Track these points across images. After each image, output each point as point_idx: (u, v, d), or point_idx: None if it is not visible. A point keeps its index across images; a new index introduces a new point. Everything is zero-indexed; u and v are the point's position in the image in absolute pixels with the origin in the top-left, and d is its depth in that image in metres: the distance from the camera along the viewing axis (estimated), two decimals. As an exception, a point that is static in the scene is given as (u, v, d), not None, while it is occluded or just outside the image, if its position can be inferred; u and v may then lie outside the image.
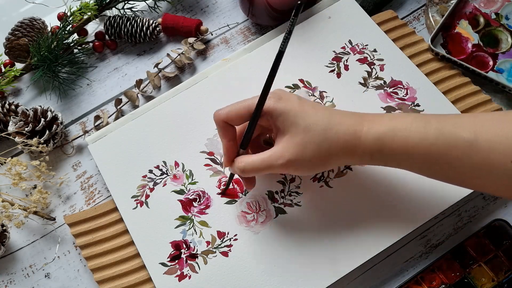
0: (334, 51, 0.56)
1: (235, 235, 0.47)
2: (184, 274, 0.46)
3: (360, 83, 0.54)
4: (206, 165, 0.51)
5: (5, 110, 0.55)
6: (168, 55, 0.59)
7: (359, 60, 0.55)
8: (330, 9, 0.58)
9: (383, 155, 0.40)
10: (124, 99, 0.57)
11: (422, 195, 0.47)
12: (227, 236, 0.47)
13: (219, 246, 0.47)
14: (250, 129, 0.42)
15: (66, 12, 0.60)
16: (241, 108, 0.42)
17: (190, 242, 0.47)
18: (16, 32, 0.58)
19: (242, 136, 0.43)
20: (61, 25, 0.58)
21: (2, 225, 0.50)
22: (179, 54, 0.58)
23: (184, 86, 0.55)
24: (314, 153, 0.40)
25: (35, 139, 0.51)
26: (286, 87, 0.54)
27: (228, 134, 0.43)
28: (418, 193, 0.47)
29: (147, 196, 0.50)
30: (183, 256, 0.47)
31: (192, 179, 0.50)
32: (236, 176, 0.48)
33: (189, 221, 0.48)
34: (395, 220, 0.46)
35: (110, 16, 0.60)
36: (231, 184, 0.49)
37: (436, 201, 0.47)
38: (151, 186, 0.50)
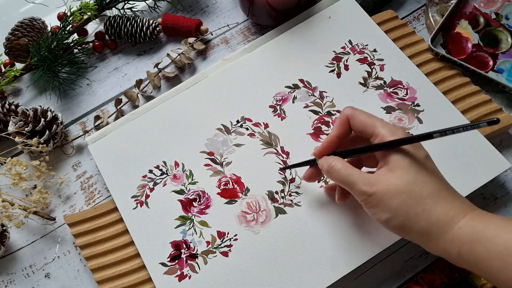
0: (334, 51, 0.56)
1: (235, 235, 0.47)
2: (184, 274, 0.46)
3: (360, 83, 0.54)
4: (206, 165, 0.51)
5: (5, 110, 0.55)
6: (168, 55, 0.59)
7: (359, 60, 0.55)
8: (330, 9, 0.58)
9: (473, 253, 0.34)
10: (124, 99, 0.57)
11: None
12: (227, 236, 0.47)
13: (219, 246, 0.47)
14: (362, 151, 0.41)
15: (66, 12, 0.60)
16: (369, 123, 0.40)
17: (190, 242, 0.47)
18: (16, 32, 0.58)
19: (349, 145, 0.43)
20: (61, 25, 0.58)
21: (2, 225, 0.50)
22: (179, 54, 0.58)
23: (184, 86, 0.55)
24: (402, 208, 0.36)
25: (35, 139, 0.51)
26: (286, 87, 0.54)
27: (341, 130, 0.41)
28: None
29: (147, 196, 0.50)
30: (183, 256, 0.47)
31: (192, 179, 0.50)
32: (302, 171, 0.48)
33: (189, 221, 0.48)
34: (395, 220, 0.46)
35: (110, 16, 0.60)
36: (231, 183, 0.49)
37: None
38: (151, 186, 0.50)
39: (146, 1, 0.62)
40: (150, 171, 0.51)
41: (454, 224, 0.35)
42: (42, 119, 0.53)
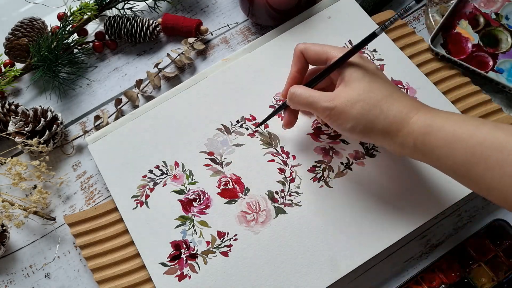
0: (334, 51, 0.56)
1: (235, 235, 0.47)
2: (184, 274, 0.46)
3: (360, 83, 0.54)
4: (206, 165, 0.51)
5: (5, 110, 0.55)
6: (168, 55, 0.59)
7: (359, 60, 0.55)
8: (330, 9, 0.58)
9: (425, 144, 0.38)
10: (124, 99, 0.57)
11: (422, 195, 0.47)
12: (227, 236, 0.47)
13: (219, 246, 0.47)
14: (321, 75, 0.44)
15: (66, 12, 0.60)
16: (321, 50, 0.43)
17: (190, 242, 0.47)
18: (16, 32, 0.58)
19: (309, 78, 0.46)
20: (61, 25, 0.58)
21: (2, 225, 0.50)
22: (179, 54, 0.58)
23: (184, 86, 0.55)
24: (362, 114, 0.40)
25: (35, 139, 0.51)
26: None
27: (298, 65, 0.45)
28: (418, 193, 0.47)
29: (147, 196, 0.50)
30: (183, 256, 0.47)
31: (192, 179, 0.50)
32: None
33: (189, 221, 0.48)
34: (395, 220, 0.46)
35: (110, 16, 0.60)
36: (231, 183, 0.49)
37: (436, 201, 0.47)
38: (151, 186, 0.50)
39: (146, 1, 0.62)
40: (150, 171, 0.51)
41: (409, 119, 0.39)
42: (42, 119, 0.53)
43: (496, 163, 0.34)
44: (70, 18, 0.58)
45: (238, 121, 0.52)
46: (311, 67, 0.47)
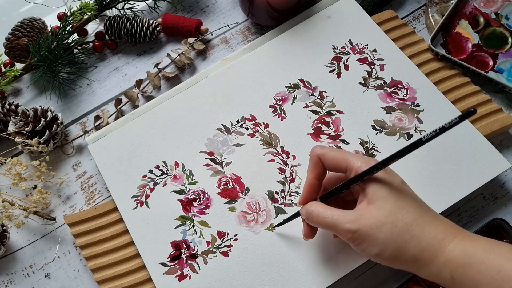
0: (334, 51, 0.56)
1: (235, 235, 0.47)
2: (184, 274, 0.46)
3: (360, 83, 0.54)
4: (206, 165, 0.51)
5: (5, 110, 0.55)
6: (168, 55, 0.59)
7: (359, 60, 0.55)
8: (330, 9, 0.58)
9: (466, 277, 0.34)
10: (124, 99, 0.57)
11: (422, 196, 0.47)
12: (227, 236, 0.47)
13: (219, 246, 0.47)
14: (341, 189, 0.39)
15: (66, 12, 0.60)
16: (341, 158, 0.39)
17: (190, 242, 0.47)
18: (16, 32, 0.58)
19: (326, 187, 0.42)
20: (61, 25, 0.58)
21: (2, 225, 0.50)
22: (179, 54, 0.58)
23: (184, 86, 0.55)
24: (390, 239, 0.36)
25: (35, 139, 0.51)
26: (286, 87, 0.54)
27: (316, 171, 0.41)
28: (418, 193, 0.47)
29: (147, 196, 0.50)
30: (183, 256, 0.47)
31: (192, 179, 0.50)
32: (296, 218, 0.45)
33: (189, 221, 0.48)
34: (395, 220, 0.46)
35: (110, 16, 0.60)
36: (231, 183, 0.49)
37: (436, 201, 0.47)
38: (151, 186, 0.50)
39: (146, 1, 0.62)
40: (150, 171, 0.51)
41: (445, 248, 0.35)
42: (42, 119, 0.53)
43: None
44: (70, 18, 0.58)
45: (238, 121, 0.52)
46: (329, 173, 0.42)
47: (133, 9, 0.61)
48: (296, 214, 0.44)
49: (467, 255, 0.34)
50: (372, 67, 0.55)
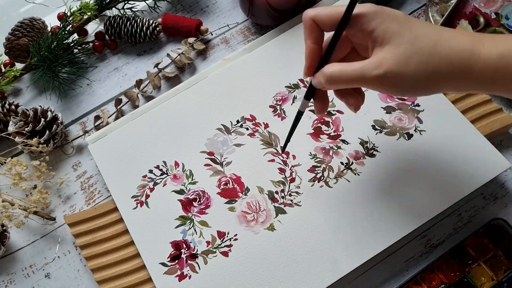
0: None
1: (235, 235, 0.47)
2: (184, 274, 0.46)
3: (360, 83, 0.54)
4: (206, 165, 0.51)
5: (5, 110, 0.55)
6: (168, 55, 0.59)
7: (359, 60, 0.55)
8: (330, 9, 0.58)
9: (507, 78, 0.33)
10: (124, 99, 0.57)
11: (422, 195, 0.47)
12: (227, 236, 0.47)
13: (219, 246, 0.47)
14: (338, 33, 0.37)
15: (66, 12, 0.60)
16: (334, 11, 0.36)
17: (190, 242, 0.47)
18: (16, 32, 0.58)
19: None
20: (61, 25, 0.58)
21: (2, 225, 0.50)
22: (179, 54, 0.58)
23: (184, 86, 0.55)
24: (420, 67, 0.34)
25: (35, 139, 0.51)
26: (286, 87, 0.54)
27: (313, 36, 0.38)
28: (418, 193, 0.47)
29: (147, 196, 0.50)
30: (183, 256, 0.47)
31: (192, 179, 0.50)
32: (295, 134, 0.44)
33: (189, 221, 0.48)
34: (395, 220, 0.46)
35: (110, 16, 0.60)
36: (231, 183, 0.49)
37: (436, 201, 0.47)
38: (151, 186, 0.50)
39: (146, 1, 0.62)
40: (150, 171, 0.51)
41: (478, 55, 0.34)
42: (42, 119, 0.53)
43: None
44: (70, 18, 0.58)
45: (238, 121, 0.52)
46: (327, 35, 0.39)
47: (133, 9, 0.61)
48: (310, 90, 0.41)
49: (503, 55, 0.33)
50: (372, 67, 0.55)
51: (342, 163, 0.50)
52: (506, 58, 0.33)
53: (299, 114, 0.43)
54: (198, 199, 0.49)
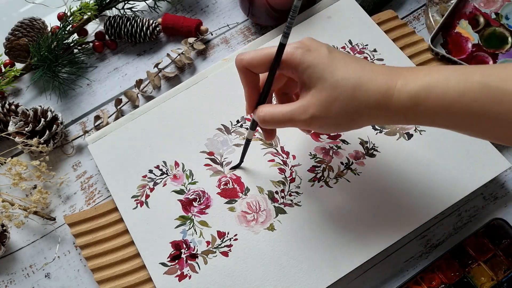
0: (334, 51, 0.56)
1: (235, 235, 0.47)
2: (184, 274, 0.46)
3: (360, 83, 0.54)
4: (206, 165, 0.51)
5: (5, 110, 0.55)
6: (168, 55, 0.59)
7: (359, 60, 0.55)
8: (330, 9, 0.58)
9: (417, 115, 0.37)
10: (124, 99, 0.57)
11: (422, 195, 0.47)
12: (227, 236, 0.47)
13: (219, 246, 0.47)
14: (270, 79, 0.40)
15: (66, 12, 0.60)
16: (264, 55, 0.39)
17: (190, 242, 0.47)
18: (16, 32, 0.58)
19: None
20: (61, 25, 0.58)
21: (2, 225, 0.50)
22: (179, 54, 0.58)
23: (184, 86, 0.55)
24: (341, 112, 0.37)
25: (35, 139, 0.51)
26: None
27: (249, 81, 0.41)
28: (418, 193, 0.47)
29: (147, 196, 0.50)
30: (183, 256, 0.47)
31: (192, 179, 0.50)
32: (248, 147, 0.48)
33: (189, 221, 0.48)
34: (395, 220, 0.46)
35: (110, 16, 0.60)
36: (231, 183, 0.49)
37: (436, 201, 0.47)
38: (151, 186, 0.50)
39: (146, 1, 0.62)
40: (150, 171, 0.51)
41: (391, 97, 0.37)
42: (42, 119, 0.53)
43: (497, 116, 0.33)
44: (70, 18, 0.58)
45: (238, 121, 0.52)
46: (262, 76, 0.42)
47: (133, 9, 0.61)
48: (251, 130, 0.45)
49: (412, 97, 0.36)
50: (372, 67, 0.55)
51: (342, 163, 0.50)
52: (414, 99, 0.36)
53: (248, 141, 0.47)
54: (198, 199, 0.49)
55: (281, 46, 0.38)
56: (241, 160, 0.49)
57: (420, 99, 0.36)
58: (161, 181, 0.50)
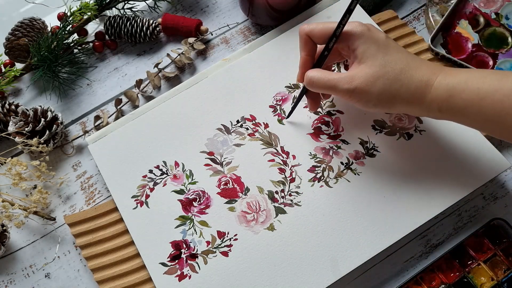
0: (334, 51, 0.56)
1: (235, 235, 0.47)
2: (184, 274, 0.46)
3: (360, 83, 0.54)
4: (206, 165, 0.51)
5: (5, 110, 0.55)
6: (168, 55, 0.59)
7: (359, 60, 0.55)
8: (330, 9, 0.58)
9: (451, 107, 0.40)
10: (124, 99, 0.57)
11: (422, 195, 0.47)
12: (227, 236, 0.47)
13: (219, 246, 0.47)
14: (326, 49, 0.44)
15: (66, 12, 0.60)
16: (326, 27, 0.43)
17: (190, 242, 0.47)
18: (16, 32, 0.58)
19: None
20: (61, 25, 0.58)
21: (2, 225, 0.50)
22: (179, 54, 0.58)
23: (184, 86, 0.55)
24: (384, 90, 0.40)
25: (35, 139, 0.51)
26: (286, 87, 0.54)
27: (307, 48, 0.45)
28: (418, 193, 0.47)
29: (147, 196, 0.50)
30: (183, 256, 0.47)
31: (192, 179, 0.50)
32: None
33: (189, 221, 0.48)
34: (395, 220, 0.46)
35: (110, 16, 0.60)
36: (231, 183, 0.49)
37: (436, 201, 0.47)
38: (151, 186, 0.50)
39: (146, 1, 0.62)
40: (150, 171, 0.51)
41: (430, 86, 0.40)
42: (42, 119, 0.53)
43: None
44: (70, 18, 0.58)
45: (238, 121, 0.52)
46: (319, 47, 0.46)
47: (133, 9, 0.61)
48: (301, 95, 0.49)
49: (449, 88, 0.39)
50: (372, 67, 0.55)
51: (342, 163, 0.50)
52: (450, 91, 0.39)
53: (300, 95, 0.50)
54: (198, 199, 0.49)
55: (344, 18, 0.42)
56: (293, 108, 0.51)
57: (456, 91, 0.39)
58: (161, 181, 0.50)
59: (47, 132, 0.52)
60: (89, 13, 0.59)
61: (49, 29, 0.60)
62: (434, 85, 0.40)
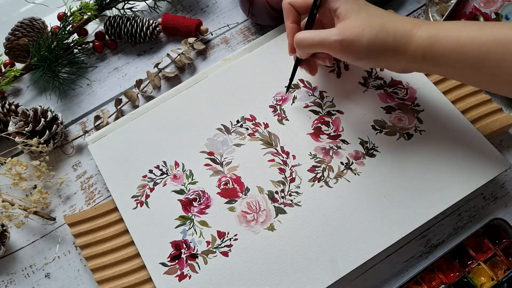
0: (334, 51, 0.56)
1: (235, 235, 0.47)
2: (184, 274, 0.46)
3: (360, 83, 0.54)
4: (206, 165, 0.51)
5: (5, 110, 0.55)
6: (168, 55, 0.59)
7: (359, 60, 0.55)
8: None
9: (433, 53, 0.41)
10: (124, 99, 0.57)
11: (422, 195, 0.47)
12: (227, 236, 0.47)
13: (219, 246, 0.47)
14: (312, 12, 0.46)
15: (66, 12, 0.60)
16: None
17: (190, 242, 0.47)
18: (16, 32, 0.58)
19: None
20: (61, 25, 0.58)
21: (2, 225, 0.50)
22: (179, 54, 0.58)
23: (184, 86, 0.55)
24: (372, 40, 0.42)
25: (35, 139, 0.51)
26: (286, 87, 0.54)
27: (291, 16, 0.47)
28: (418, 193, 0.47)
29: (147, 196, 0.50)
30: (183, 256, 0.47)
31: (192, 179, 0.50)
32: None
33: (189, 221, 0.48)
34: (395, 220, 0.46)
35: (110, 16, 0.60)
36: (231, 183, 0.49)
37: (436, 201, 0.47)
38: (151, 186, 0.50)
39: (146, 1, 0.62)
40: (150, 171, 0.51)
41: (414, 34, 0.42)
42: (42, 119, 0.53)
43: (503, 57, 0.38)
44: (70, 18, 0.58)
45: (238, 121, 0.52)
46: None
47: (133, 9, 0.61)
48: (296, 65, 0.50)
49: (432, 35, 0.41)
50: (372, 67, 0.55)
51: (342, 163, 0.50)
52: (433, 38, 0.41)
53: (295, 65, 0.51)
54: (198, 199, 0.49)
55: None
56: (290, 81, 0.52)
57: (438, 38, 0.41)
58: (161, 181, 0.50)
59: (47, 132, 0.52)
60: (89, 13, 0.59)
61: (49, 29, 0.60)
62: (417, 33, 0.41)
